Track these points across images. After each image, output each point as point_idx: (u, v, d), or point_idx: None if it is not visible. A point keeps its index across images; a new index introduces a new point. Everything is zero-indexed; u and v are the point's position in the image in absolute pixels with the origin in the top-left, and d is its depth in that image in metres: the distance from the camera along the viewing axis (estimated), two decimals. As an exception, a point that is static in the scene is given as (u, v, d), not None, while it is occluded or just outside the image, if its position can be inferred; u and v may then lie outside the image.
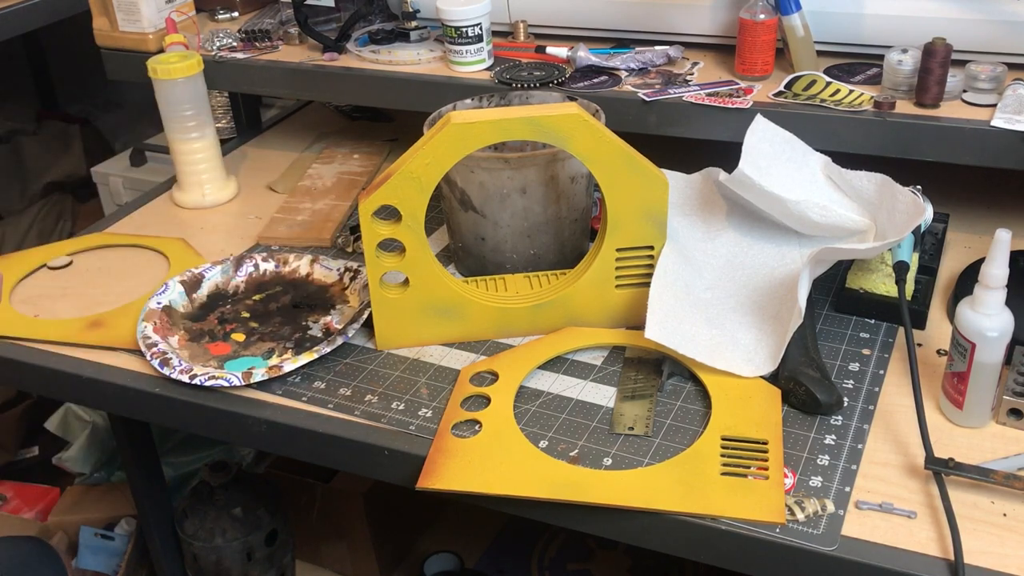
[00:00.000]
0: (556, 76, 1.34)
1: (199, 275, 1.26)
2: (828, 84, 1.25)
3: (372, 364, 1.12)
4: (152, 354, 1.12)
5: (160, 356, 1.11)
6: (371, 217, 1.06)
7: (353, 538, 1.73)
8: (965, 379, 0.94)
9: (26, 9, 2.07)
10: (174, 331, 1.18)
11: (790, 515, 0.87)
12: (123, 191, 2.30)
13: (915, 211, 1.07)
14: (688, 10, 1.36)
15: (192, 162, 1.48)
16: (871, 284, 1.13)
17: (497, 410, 1.02)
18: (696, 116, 1.25)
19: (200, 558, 1.52)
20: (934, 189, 1.18)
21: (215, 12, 1.67)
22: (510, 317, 1.13)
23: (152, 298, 1.21)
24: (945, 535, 0.84)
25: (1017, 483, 0.87)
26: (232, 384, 1.07)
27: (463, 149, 1.04)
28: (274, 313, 1.22)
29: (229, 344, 1.17)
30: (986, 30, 1.21)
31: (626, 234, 1.09)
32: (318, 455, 1.06)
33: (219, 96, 2.12)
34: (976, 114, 1.16)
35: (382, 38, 1.49)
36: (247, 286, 1.27)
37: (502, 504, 0.94)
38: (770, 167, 1.14)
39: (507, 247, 1.19)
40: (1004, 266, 0.90)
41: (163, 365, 1.10)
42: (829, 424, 0.98)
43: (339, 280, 1.25)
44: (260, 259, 1.29)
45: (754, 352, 1.05)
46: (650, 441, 0.98)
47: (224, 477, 1.54)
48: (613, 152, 1.05)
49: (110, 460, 1.86)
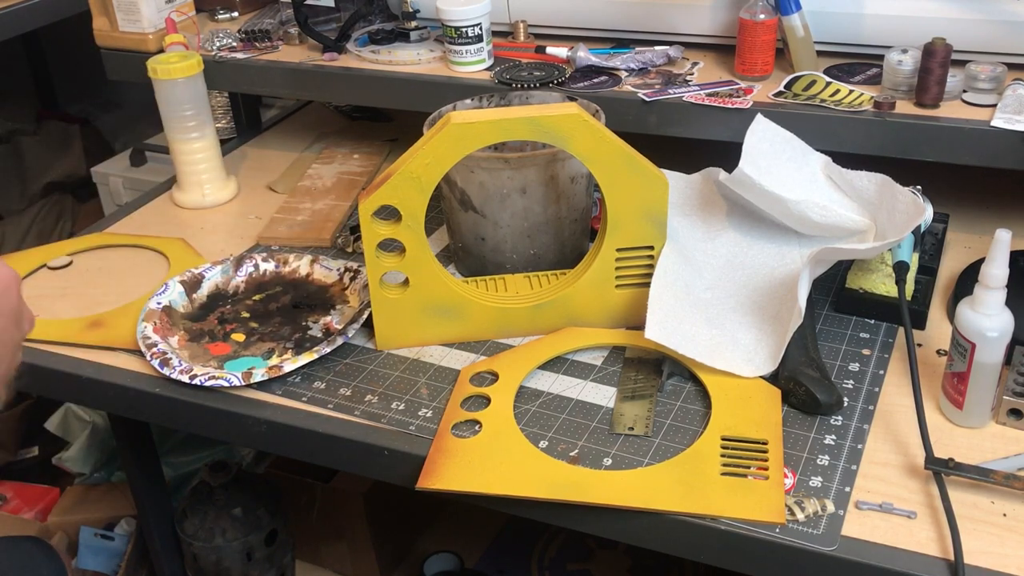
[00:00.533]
0: (556, 76, 1.34)
1: (199, 275, 1.26)
2: (828, 84, 1.25)
3: (372, 364, 1.12)
4: (152, 354, 1.12)
5: (160, 356, 1.11)
6: (371, 217, 1.06)
7: (353, 538, 1.73)
8: (965, 379, 0.94)
9: (26, 9, 2.07)
10: (174, 331, 1.18)
11: (790, 515, 0.87)
12: (123, 191, 2.30)
13: (915, 211, 1.06)
14: (688, 10, 1.36)
15: (192, 162, 1.48)
16: (871, 284, 1.13)
17: (497, 410, 1.02)
18: (696, 116, 1.25)
19: (200, 558, 1.52)
20: (934, 189, 1.18)
21: (215, 12, 1.67)
22: (510, 317, 1.13)
23: (152, 298, 1.21)
24: (945, 535, 0.84)
25: (1017, 483, 0.87)
26: (232, 384, 1.07)
27: (463, 149, 1.04)
28: (274, 313, 1.22)
29: (229, 344, 1.17)
30: (986, 30, 1.21)
31: (626, 234, 1.09)
32: (318, 455, 1.06)
33: (219, 96, 2.12)
34: (976, 114, 1.16)
35: (382, 38, 1.49)
36: (247, 286, 1.27)
37: (502, 504, 0.94)
38: (770, 167, 1.14)
39: (507, 247, 1.19)
40: (1004, 266, 0.90)
41: (163, 365, 1.10)
42: (829, 424, 0.98)
43: (339, 280, 1.25)
44: (260, 259, 1.29)
45: (754, 352, 1.05)
46: (650, 441, 0.98)
47: (224, 477, 1.54)
48: (613, 152, 1.05)
49: (110, 460, 1.86)
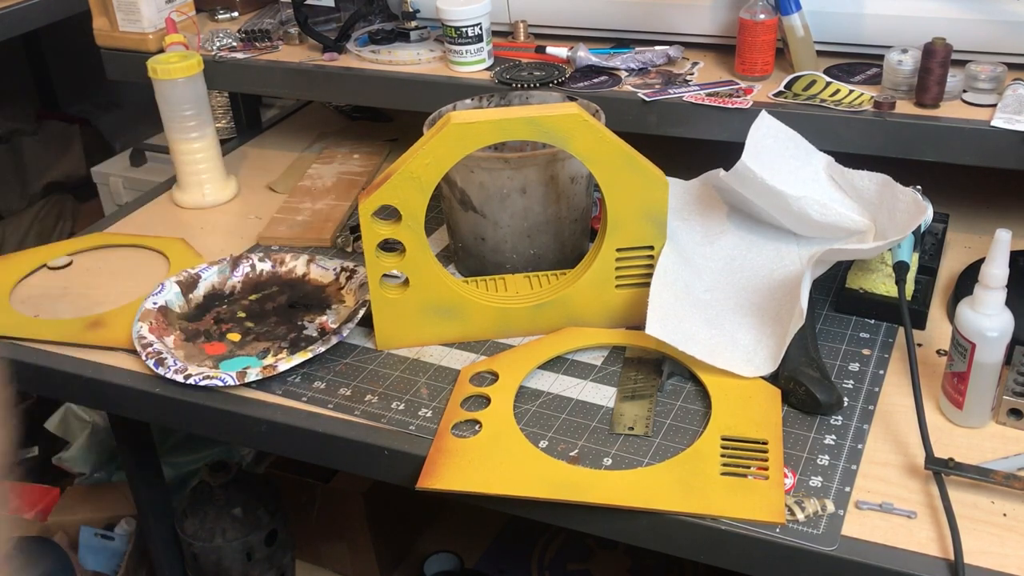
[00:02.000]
0: (556, 76, 1.34)
1: (195, 275, 1.26)
2: (828, 84, 1.25)
3: (372, 364, 1.12)
4: (147, 354, 1.12)
5: (155, 356, 1.11)
6: (371, 217, 1.06)
7: (353, 538, 1.73)
8: (965, 379, 0.94)
9: (26, 9, 2.07)
10: (170, 331, 1.18)
11: (790, 515, 0.87)
12: (123, 191, 2.30)
13: (916, 211, 1.06)
14: (688, 10, 1.36)
15: (192, 162, 1.48)
16: (871, 284, 1.13)
17: (497, 410, 1.02)
18: (696, 116, 1.25)
19: (200, 558, 1.52)
20: (934, 189, 1.17)
21: (215, 12, 1.67)
22: (510, 317, 1.13)
23: (148, 298, 1.21)
24: (945, 535, 0.84)
25: (1017, 483, 0.87)
26: (226, 384, 1.07)
27: (463, 149, 1.04)
28: (270, 313, 1.22)
29: (225, 344, 1.17)
30: (986, 30, 1.21)
31: (626, 234, 1.09)
32: (318, 455, 1.06)
33: (219, 96, 2.12)
34: (976, 114, 1.16)
35: (382, 38, 1.49)
36: (244, 286, 1.27)
37: (502, 504, 0.94)
38: (773, 163, 1.14)
39: (507, 247, 1.19)
40: (1004, 266, 0.90)
41: (158, 365, 1.10)
42: (829, 424, 0.98)
43: (335, 280, 1.25)
44: (257, 259, 1.29)
45: (754, 352, 1.05)
46: (650, 441, 0.98)
47: (224, 477, 1.54)
48: (613, 152, 1.05)
49: (110, 460, 1.86)
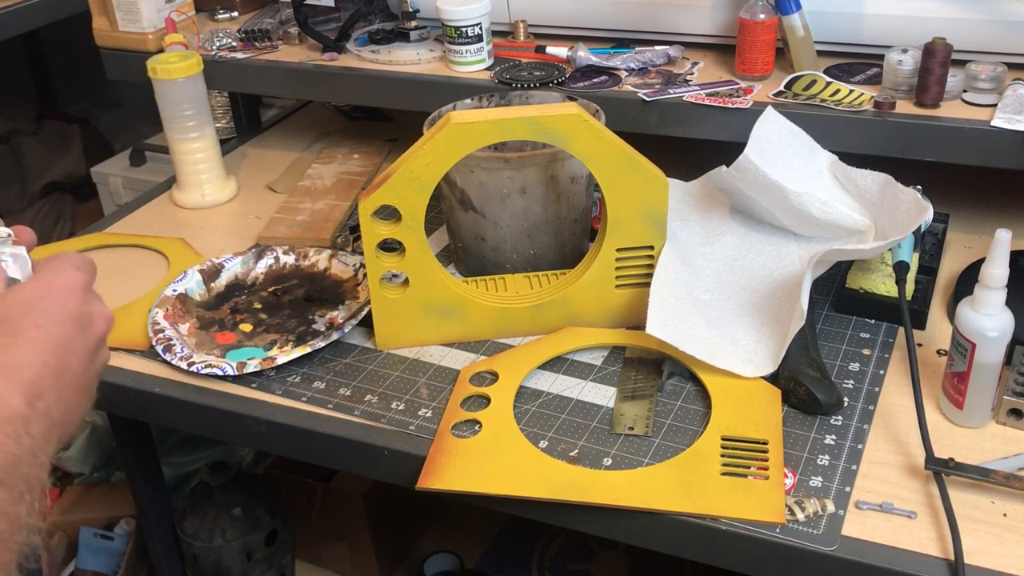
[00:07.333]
0: (556, 76, 1.34)
1: (219, 265, 1.28)
2: (828, 84, 1.25)
3: (372, 364, 1.12)
4: (158, 340, 1.14)
5: (165, 342, 1.13)
6: (371, 217, 1.06)
7: (353, 538, 1.73)
8: (965, 379, 0.94)
9: (26, 9, 2.07)
10: (186, 319, 1.20)
11: (790, 515, 0.87)
12: (123, 191, 2.30)
13: (917, 210, 1.06)
14: (688, 10, 1.36)
15: (192, 162, 1.48)
16: (871, 284, 1.13)
17: (497, 410, 1.02)
18: (696, 116, 1.25)
19: (200, 558, 1.52)
20: (934, 189, 1.17)
21: (215, 12, 1.67)
22: (510, 317, 1.13)
23: (169, 285, 1.23)
24: (945, 535, 0.84)
25: (1017, 483, 0.87)
26: (226, 373, 1.08)
27: (463, 149, 1.04)
28: (285, 306, 1.23)
29: (235, 334, 1.18)
30: (986, 30, 1.21)
31: (626, 234, 1.09)
32: (318, 455, 1.06)
33: (219, 96, 2.12)
34: (976, 114, 1.16)
35: (382, 38, 1.49)
36: (265, 278, 1.29)
37: (502, 504, 0.94)
38: (776, 158, 1.14)
39: (507, 247, 1.19)
40: (1004, 266, 0.90)
41: (166, 351, 1.12)
42: (829, 424, 0.98)
43: (353, 276, 1.26)
44: (281, 252, 1.31)
45: (754, 352, 1.05)
46: (650, 441, 0.98)
47: (224, 477, 1.54)
48: (613, 152, 1.05)
49: (110, 460, 1.86)
